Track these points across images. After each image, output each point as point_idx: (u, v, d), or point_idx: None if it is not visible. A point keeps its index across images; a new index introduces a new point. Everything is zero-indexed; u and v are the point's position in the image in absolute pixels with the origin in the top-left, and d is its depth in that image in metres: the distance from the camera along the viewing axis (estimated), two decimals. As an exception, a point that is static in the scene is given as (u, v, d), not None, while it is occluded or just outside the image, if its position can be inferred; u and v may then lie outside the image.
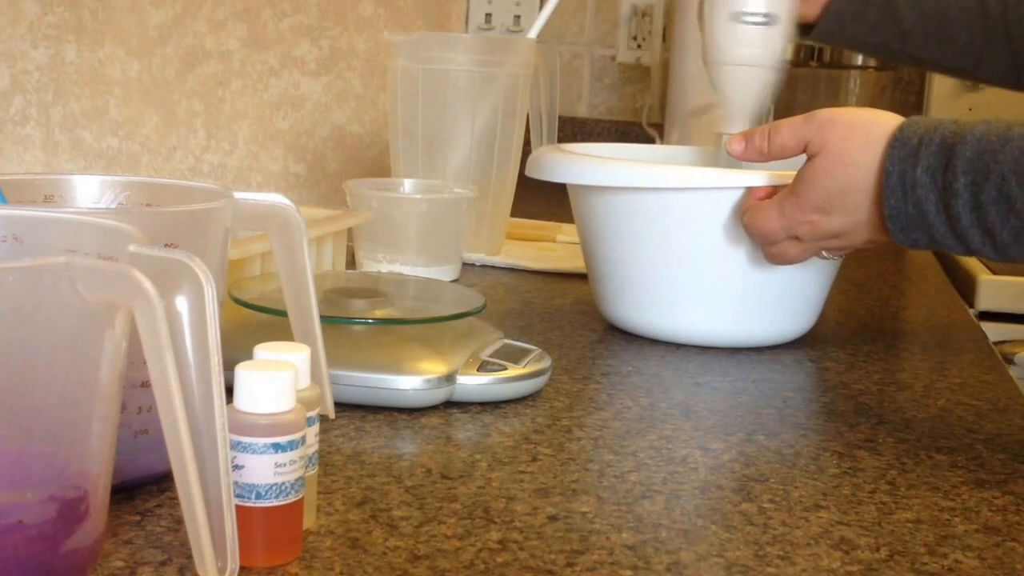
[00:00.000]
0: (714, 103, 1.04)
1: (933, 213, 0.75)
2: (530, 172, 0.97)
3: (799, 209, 0.82)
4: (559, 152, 0.97)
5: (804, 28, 1.11)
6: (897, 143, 0.76)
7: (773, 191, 0.85)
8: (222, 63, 1.37)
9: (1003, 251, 0.74)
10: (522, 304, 1.07)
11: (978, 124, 0.74)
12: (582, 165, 0.93)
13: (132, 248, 0.44)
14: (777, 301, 0.92)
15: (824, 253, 0.85)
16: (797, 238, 0.83)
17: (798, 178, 0.82)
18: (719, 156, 1.01)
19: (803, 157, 0.82)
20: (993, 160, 0.72)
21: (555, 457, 0.66)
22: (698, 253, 0.90)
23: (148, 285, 0.41)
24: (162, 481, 0.57)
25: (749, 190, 0.86)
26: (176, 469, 0.44)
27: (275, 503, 0.49)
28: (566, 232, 1.39)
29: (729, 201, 0.88)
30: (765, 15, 0.98)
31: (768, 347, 0.94)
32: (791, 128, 0.82)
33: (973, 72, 1.11)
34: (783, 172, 0.85)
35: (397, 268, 1.09)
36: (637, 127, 2.18)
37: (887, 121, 0.78)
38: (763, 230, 0.84)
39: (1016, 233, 0.72)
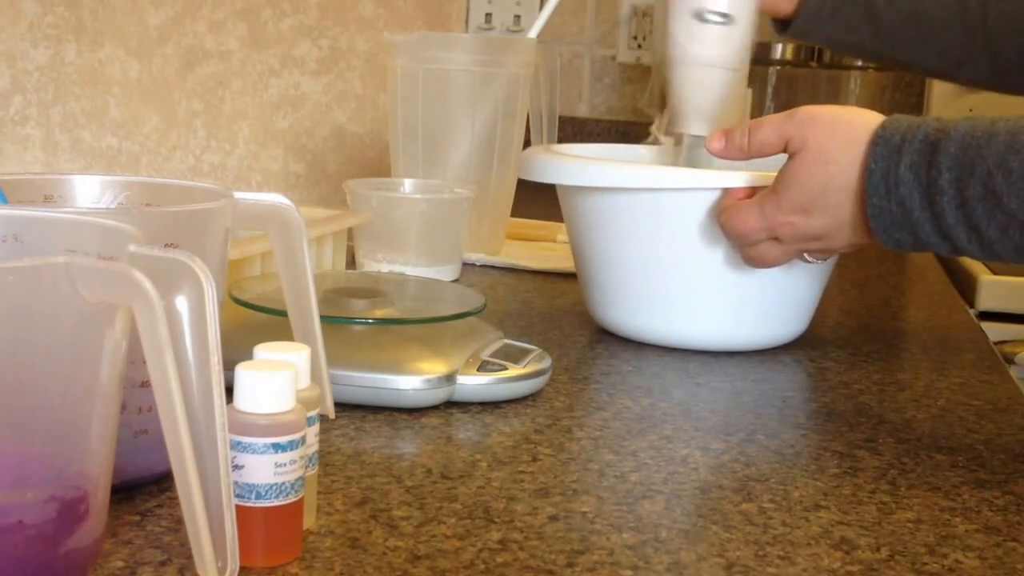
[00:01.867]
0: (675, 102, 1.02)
1: (917, 211, 0.73)
2: (520, 173, 0.97)
3: (779, 209, 0.80)
4: (547, 152, 0.97)
5: (780, 24, 1.09)
6: (880, 140, 0.75)
7: (752, 192, 0.84)
8: (222, 63, 1.37)
9: (990, 248, 0.72)
10: (522, 304, 1.07)
11: (961, 120, 0.73)
12: (568, 165, 0.92)
13: (132, 248, 0.44)
14: (768, 305, 0.91)
15: (807, 256, 0.84)
16: (777, 239, 0.82)
17: (779, 177, 0.80)
18: (680, 157, 1.00)
19: (784, 158, 0.82)
20: (978, 155, 0.71)
21: (555, 457, 0.66)
22: (685, 256, 0.89)
23: (148, 285, 0.41)
24: (162, 481, 0.57)
25: (727, 190, 0.85)
26: (176, 469, 0.44)
27: (275, 503, 0.49)
28: (566, 232, 1.39)
29: (714, 202, 0.87)
30: (724, 15, 0.97)
31: (766, 348, 0.94)
32: (772, 125, 0.81)
33: (955, 74, 1.09)
34: (767, 173, 0.84)
35: (397, 268, 1.09)
36: (637, 127, 2.18)
37: (869, 119, 0.77)
38: (741, 230, 0.83)
39: (1003, 229, 0.71)
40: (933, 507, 0.61)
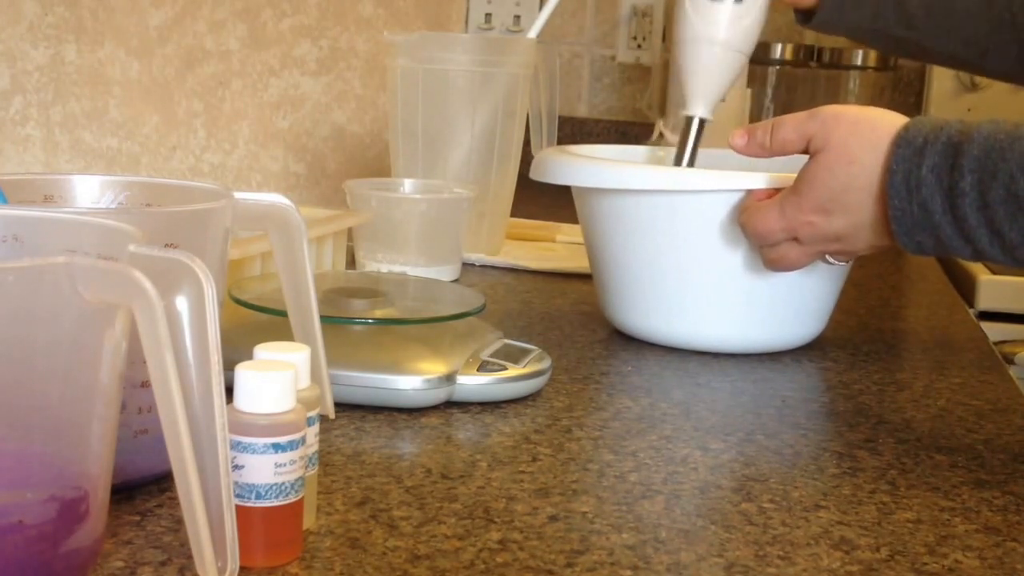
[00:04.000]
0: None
1: (939, 213, 0.73)
2: (534, 175, 0.96)
3: (800, 209, 0.80)
4: (563, 154, 0.96)
5: (804, 15, 1.08)
6: (902, 142, 0.74)
7: (774, 193, 0.84)
8: (222, 63, 1.37)
9: (1011, 252, 0.72)
10: (522, 304, 1.07)
11: (984, 123, 0.72)
12: (587, 167, 0.92)
13: (132, 248, 0.44)
14: (787, 306, 0.91)
15: (828, 258, 0.83)
16: (797, 240, 0.81)
17: (800, 177, 0.80)
18: (681, 140, 1.00)
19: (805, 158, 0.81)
20: (1001, 158, 0.70)
21: (555, 457, 0.66)
22: (705, 257, 0.89)
23: (148, 285, 0.41)
24: (162, 481, 0.57)
25: (749, 191, 0.85)
26: (176, 469, 0.44)
27: (275, 503, 0.49)
28: (566, 232, 1.39)
29: (735, 204, 0.86)
30: None
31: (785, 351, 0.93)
32: (794, 123, 0.81)
33: (979, 63, 1.07)
34: (787, 174, 0.83)
35: (397, 268, 1.09)
36: (637, 127, 2.18)
37: (892, 120, 0.77)
38: (761, 230, 0.82)
39: None
40: (933, 507, 0.61)
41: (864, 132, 0.77)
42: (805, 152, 0.81)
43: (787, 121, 0.82)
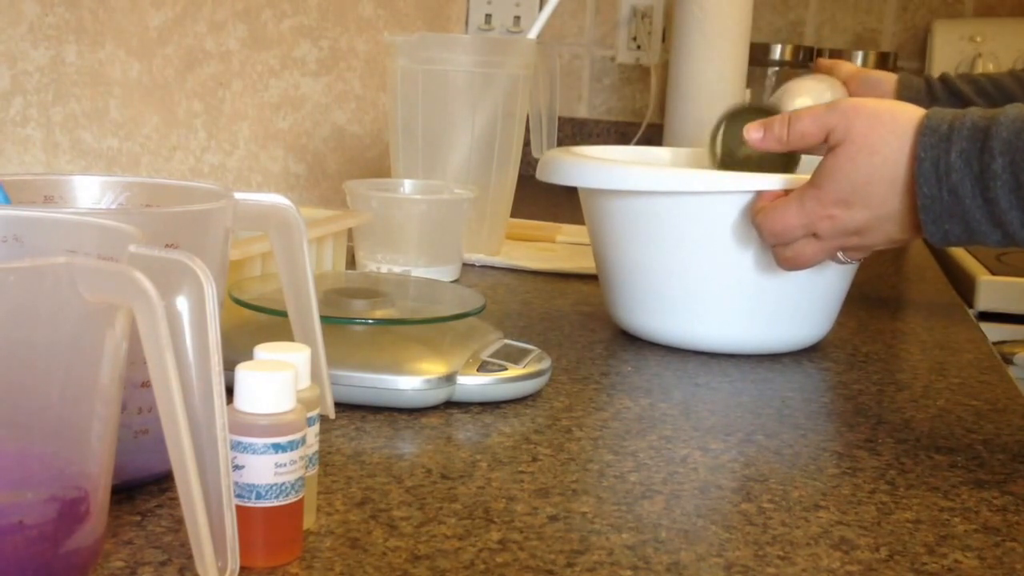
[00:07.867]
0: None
1: (969, 198, 0.72)
2: (541, 175, 0.95)
3: (820, 202, 0.79)
4: (570, 155, 0.96)
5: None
6: (927, 130, 0.74)
7: (783, 194, 0.83)
8: (222, 63, 1.37)
9: None
10: (522, 304, 1.07)
11: (1007, 107, 0.72)
12: (595, 168, 0.92)
13: (132, 248, 0.45)
14: (795, 307, 0.91)
15: (840, 256, 0.83)
16: (815, 235, 0.81)
17: (819, 170, 0.79)
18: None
19: (816, 160, 0.81)
20: None
21: (555, 457, 0.66)
22: (713, 258, 0.88)
23: (148, 285, 0.41)
24: (162, 481, 0.57)
25: (759, 192, 0.84)
26: (176, 469, 0.44)
27: (275, 503, 0.49)
28: (566, 232, 1.39)
29: (745, 204, 0.86)
30: None
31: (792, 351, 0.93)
32: (813, 116, 0.80)
33: None
34: (800, 176, 0.83)
35: (397, 268, 1.09)
36: (636, 128, 2.18)
37: (911, 110, 0.77)
38: (778, 228, 0.81)
39: None
40: (932, 507, 0.61)
41: (885, 123, 0.76)
42: (823, 144, 0.80)
43: (805, 114, 0.81)
